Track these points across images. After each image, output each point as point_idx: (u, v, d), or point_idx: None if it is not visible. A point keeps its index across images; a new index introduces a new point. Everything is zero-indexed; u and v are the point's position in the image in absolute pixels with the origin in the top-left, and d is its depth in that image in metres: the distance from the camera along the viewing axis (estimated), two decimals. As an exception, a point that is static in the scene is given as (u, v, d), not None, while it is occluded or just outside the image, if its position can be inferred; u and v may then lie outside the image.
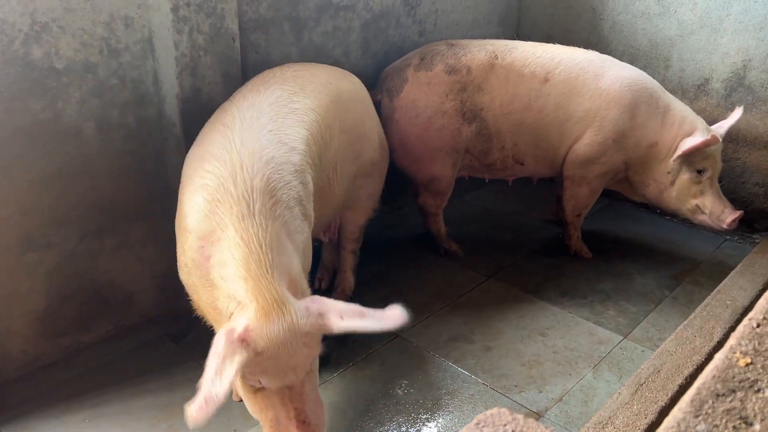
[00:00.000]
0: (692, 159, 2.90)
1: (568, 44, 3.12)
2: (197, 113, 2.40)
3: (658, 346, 2.41)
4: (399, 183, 3.62)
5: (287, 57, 2.80)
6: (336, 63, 3.03)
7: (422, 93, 2.90)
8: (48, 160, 2.23)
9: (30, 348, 2.38)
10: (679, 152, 2.89)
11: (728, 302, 2.46)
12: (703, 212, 3.01)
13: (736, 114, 3.00)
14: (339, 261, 2.84)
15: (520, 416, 0.63)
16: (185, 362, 2.47)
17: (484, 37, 3.71)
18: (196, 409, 1.46)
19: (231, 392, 2.30)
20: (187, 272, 1.90)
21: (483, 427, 0.63)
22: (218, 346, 1.56)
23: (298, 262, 1.84)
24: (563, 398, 2.35)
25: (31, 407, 2.24)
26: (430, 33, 3.44)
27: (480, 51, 2.95)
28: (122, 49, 2.30)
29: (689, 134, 2.91)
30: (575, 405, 2.32)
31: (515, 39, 3.22)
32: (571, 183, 3.09)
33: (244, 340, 1.58)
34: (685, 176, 2.96)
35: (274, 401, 1.72)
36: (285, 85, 2.20)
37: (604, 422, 1.89)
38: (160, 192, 2.57)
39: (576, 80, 2.91)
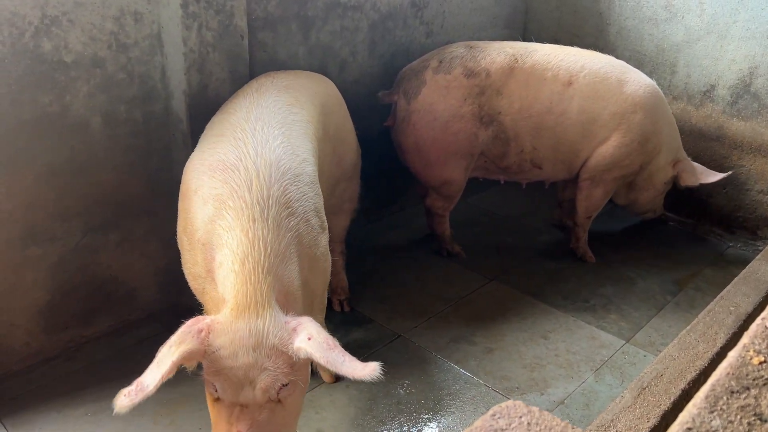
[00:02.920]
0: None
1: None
2: (204, 110, 2.41)
3: (660, 351, 2.41)
4: (402, 185, 3.62)
5: (294, 56, 2.80)
6: (343, 62, 3.04)
7: (440, 96, 2.89)
8: (54, 153, 2.23)
9: (32, 341, 2.38)
10: (706, 181, 3.18)
11: (732, 308, 2.45)
12: (654, 211, 3.52)
13: None
14: None
15: (535, 409, 0.63)
16: (187, 358, 2.47)
17: (491, 39, 3.71)
18: (124, 394, 1.43)
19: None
20: (202, 283, 1.80)
21: (498, 418, 0.63)
22: (175, 333, 1.51)
23: (300, 279, 1.74)
24: (565, 401, 2.34)
25: (32, 400, 2.24)
26: (437, 35, 3.45)
27: (499, 54, 2.93)
28: (131, 44, 2.30)
29: (677, 151, 3.24)
30: (576, 408, 2.31)
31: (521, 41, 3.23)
32: (589, 184, 3.13)
33: (202, 331, 1.51)
34: (669, 187, 3.34)
35: (222, 417, 1.59)
36: (281, 97, 2.14)
37: (606, 425, 1.88)
38: (164, 188, 2.57)
39: (601, 84, 2.95)
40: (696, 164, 3.26)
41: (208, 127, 2.10)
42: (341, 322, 2.74)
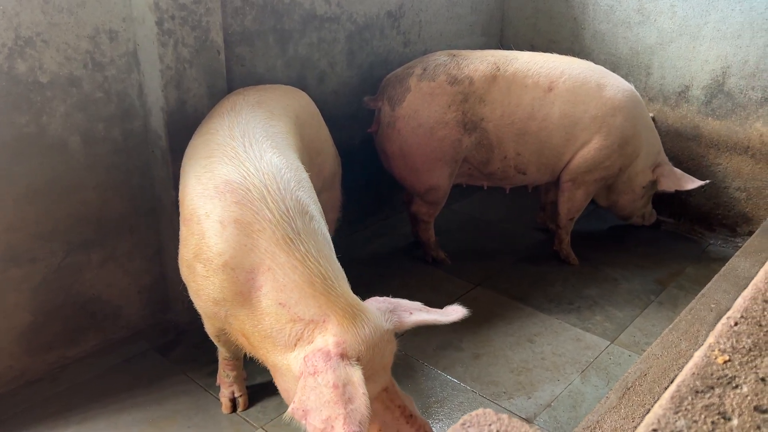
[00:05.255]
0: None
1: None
2: (183, 126, 2.41)
3: (644, 351, 2.43)
4: (387, 194, 3.64)
5: (273, 69, 2.82)
6: (322, 74, 3.05)
7: (425, 103, 2.92)
8: (33, 174, 2.22)
9: (15, 364, 2.36)
10: (684, 188, 3.26)
11: (712, 305, 2.48)
12: (642, 217, 3.59)
13: None
14: None
15: (504, 416, 0.65)
16: (173, 376, 2.46)
17: (468, 47, 3.75)
18: None
19: (221, 404, 2.30)
20: (225, 307, 1.79)
21: (468, 427, 0.64)
22: (325, 375, 1.50)
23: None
24: (552, 404, 2.36)
25: (16, 424, 2.22)
26: (415, 44, 3.47)
27: (482, 62, 2.98)
28: (107, 63, 2.30)
29: (657, 155, 3.29)
30: (564, 410, 2.33)
31: (499, 49, 3.27)
32: (571, 185, 3.17)
33: (343, 355, 1.56)
34: (650, 192, 3.41)
35: (376, 410, 1.68)
36: (256, 111, 2.16)
37: (592, 427, 1.90)
38: (146, 205, 2.57)
39: (580, 88, 3.00)
40: (676, 170, 3.31)
41: (192, 151, 2.05)
42: (328, 333, 2.74)
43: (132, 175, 2.50)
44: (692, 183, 3.25)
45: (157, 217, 2.61)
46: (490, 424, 0.61)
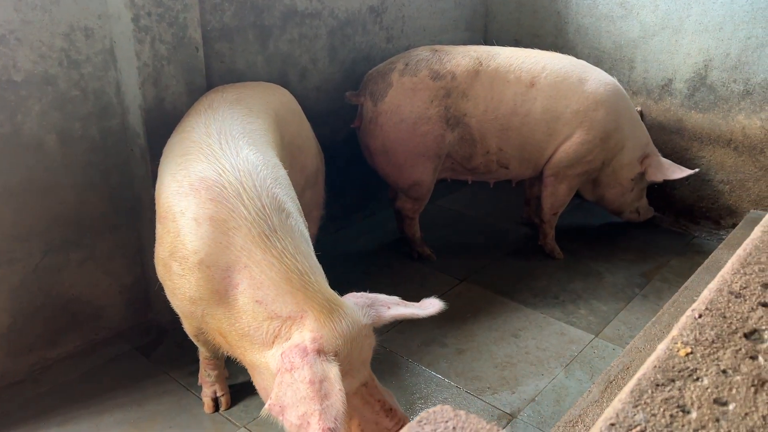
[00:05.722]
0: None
1: (534, 48, 3.16)
2: (161, 123, 2.39)
3: (628, 344, 2.43)
4: (372, 190, 3.62)
5: (253, 65, 2.79)
6: (304, 70, 3.03)
7: (407, 98, 2.91)
8: (9, 174, 2.19)
9: (-5, 366, 2.33)
10: (672, 177, 3.24)
11: (695, 298, 2.48)
12: (637, 212, 3.52)
13: None
14: None
15: (462, 412, 0.64)
16: (156, 376, 2.44)
17: (452, 43, 3.74)
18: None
19: (203, 404, 2.28)
20: (202, 306, 1.78)
21: (425, 424, 0.63)
22: (301, 371, 1.50)
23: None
24: (536, 398, 2.36)
25: (-4, 426, 2.20)
26: (398, 39, 3.46)
27: (464, 57, 2.97)
28: (83, 61, 2.27)
29: (645, 147, 3.26)
30: (547, 405, 2.33)
31: (482, 44, 3.26)
32: (553, 180, 3.16)
33: (320, 351, 1.55)
34: (641, 185, 3.38)
35: (355, 405, 1.71)
36: (234, 108, 2.13)
37: (574, 421, 1.90)
38: (126, 204, 2.54)
39: (562, 83, 2.99)
40: (664, 160, 3.30)
41: (168, 150, 2.04)
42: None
43: (110, 174, 2.47)
44: (680, 172, 3.24)
45: (136, 216, 2.59)
46: (446, 421, 0.60)
